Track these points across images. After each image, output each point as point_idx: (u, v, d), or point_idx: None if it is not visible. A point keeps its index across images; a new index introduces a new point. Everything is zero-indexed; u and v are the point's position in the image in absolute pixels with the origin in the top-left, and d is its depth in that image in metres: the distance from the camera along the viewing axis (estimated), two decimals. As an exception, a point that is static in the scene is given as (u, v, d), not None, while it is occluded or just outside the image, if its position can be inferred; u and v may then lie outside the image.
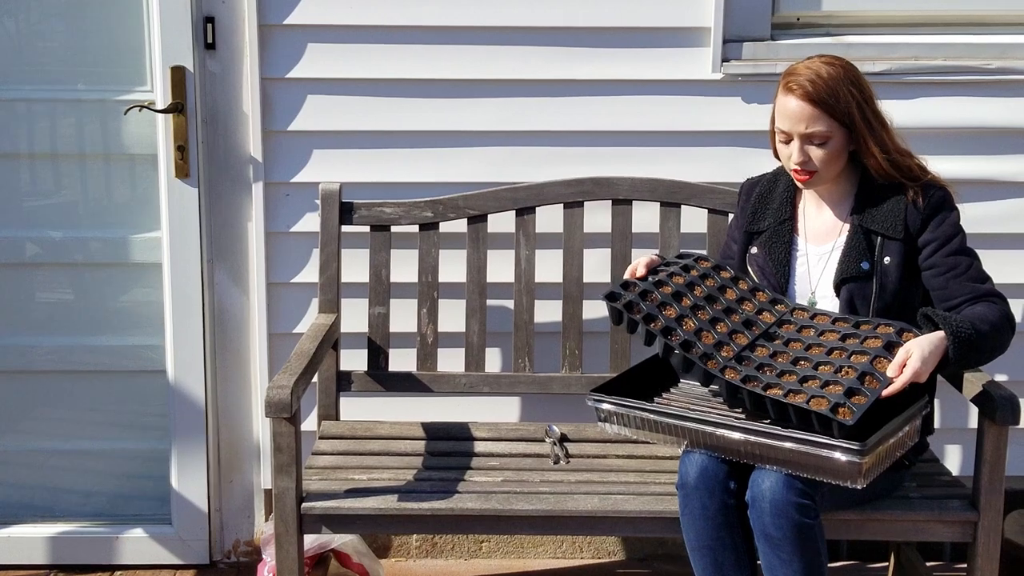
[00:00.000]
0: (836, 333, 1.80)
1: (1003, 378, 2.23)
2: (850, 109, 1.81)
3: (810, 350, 1.78)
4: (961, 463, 2.38)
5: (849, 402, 1.67)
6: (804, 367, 1.75)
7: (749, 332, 1.81)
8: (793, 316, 1.85)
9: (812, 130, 1.81)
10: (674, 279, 1.86)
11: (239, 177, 2.31)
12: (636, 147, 2.29)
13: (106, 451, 2.47)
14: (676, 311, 1.81)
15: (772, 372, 1.74)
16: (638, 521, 1.89)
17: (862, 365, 1.72)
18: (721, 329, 1.80)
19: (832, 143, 1.83)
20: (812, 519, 1.72)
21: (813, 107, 1.80)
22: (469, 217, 2.23)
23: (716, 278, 1.88)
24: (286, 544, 1.88)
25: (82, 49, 2.34)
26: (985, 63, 2.26)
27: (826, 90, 1.80)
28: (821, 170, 1.85)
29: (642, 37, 2.25)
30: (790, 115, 1.82)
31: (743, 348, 1.79)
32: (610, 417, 1.85)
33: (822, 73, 1.81)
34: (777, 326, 1.83)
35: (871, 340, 1.77)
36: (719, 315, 1.83)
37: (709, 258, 1.93)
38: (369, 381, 2.24)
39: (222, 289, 2.36)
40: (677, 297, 1.83)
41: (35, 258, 2.42)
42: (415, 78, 2.26)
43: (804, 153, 1.83)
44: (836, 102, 1.80)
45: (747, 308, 1.85)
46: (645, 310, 1.80)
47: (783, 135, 1.85)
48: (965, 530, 1.89)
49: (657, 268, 1.89)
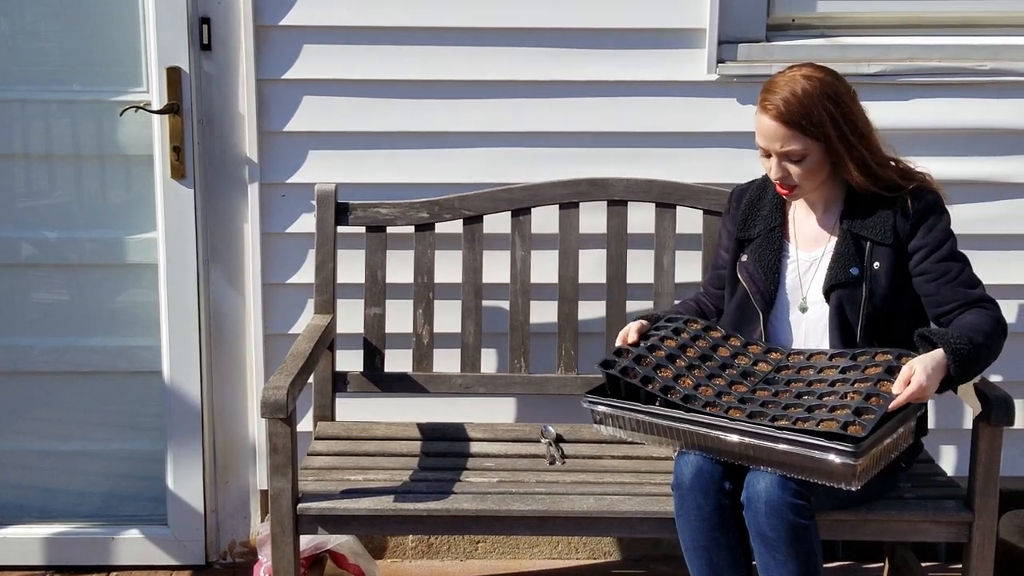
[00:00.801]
0: (835, 368, 1.81)
1: (998, 379, 2.24)
2: (824, 128, 1.80)
3: (812, 385, 1.79)
4: (956, 464, 2.39)
5: (859, 419, 1.67)
6: (809, 400, 1.76)
7: (748, 381, 1.83)
8: (789, 360, 1.86)
9: (786, 149, 1.81)
10: (666, 342, 1.88)
11: (235, 178, 2.31)
12: (631, 148, 2.30)
13: (102, 452, 2.47)
14: (672, 371, 1.83)
15: (777, 407, 1.75)
16: (633, 522, 1.90)
17: (866, 388, 1.73)
18: (719, 382, 1.82)
19: (809, 159, 1.83)
20: (807, 520, 1.73)
21: (786, 128, 1.80)
22: (465, 218, 2.23)
23: (707, 339, 1.90)
24: (282, 545, 1.88)
25: (78, 50, 2.33)
26: (979, 64, 2.27)
27: (800, 110, 1.79)
28: (801, 184, 1.85)
29: (637, 38, 2.25)
30: (764, 134, 1.83)
31: (744, 394, 1.79)
32: (606, 419, 1.86)
33: (797, 91, 1.79)
34: (775, 372, 1.84)
35: (871, 368, 1.78)
36: (715, 371, 1.84)
37: (699, 320, 1.95)
38: (365, 382, 2.24)
39: (218, 290, 2.36)
40: (671, 359, 1.85)
41: (31, 259, 2.42)
42: (411, 79, 2.26)
43: (783, 169, 1.84)
44: (809, 122, 1.79)
45: (742, 362, 1.86)
46: (641, 373, 1.82)
47: (762, 150, 1.86)
48: (960, 530, 1.89)
49: (648, 333, 1.91)
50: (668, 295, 2.23)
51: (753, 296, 1.92)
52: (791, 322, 1.92)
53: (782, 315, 1.93)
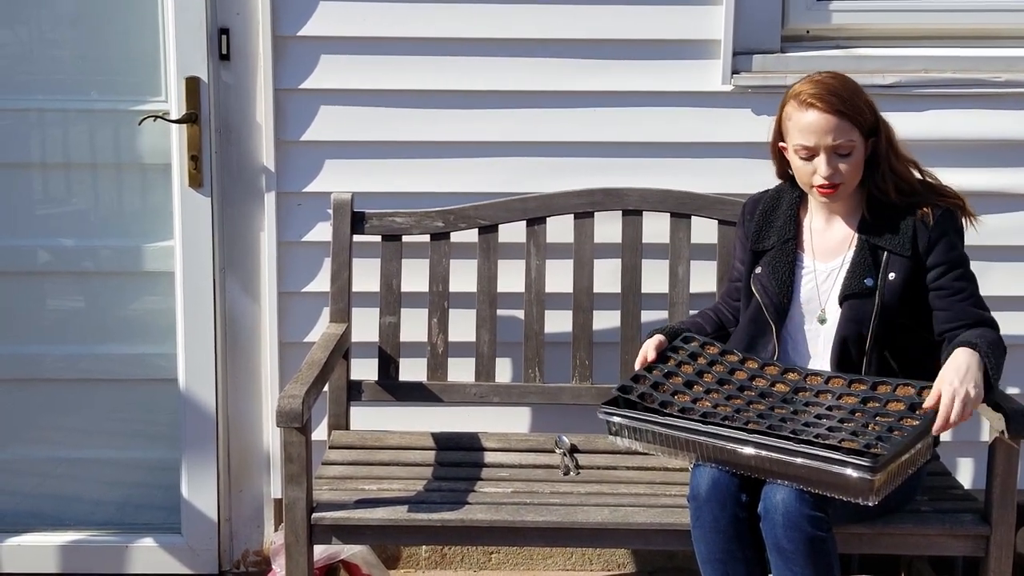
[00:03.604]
0: (855, 397, 1.79)
1: (1015, 391, 2.23)
2: (867, 118, 1.83)
3: (832, 410, 1.77)
4: (973, 476, 2.37)
5: (881, 444, 1.66)
6: (828, 421, 1.74)
7: (766, 401, 1.82)
8: (807, 382, 1.84)
9: (839, 141, 1.82)
10: (683, 368, 1.88)
11: (252, 187, 2.33)
12: (646, 158, 2.30)
13: (116, 460, 2.47)
14: (689, 396, 1.83)
15: (796, 423, 1.74)
16: (648, 533, 1.89)
17: (889, 423, 1.72)
18: (737, 402, 1.81)
19: (855, 154, 1.84)
20: (825, 532, 1.72)
21: (838, 117, 1.81)
22: (480, 227, 2.24)
23: (724, 364, 1.89)
24: (296, 554, 1.88)
25: (96, 59, 2.35)
26: (993, 75, 2.27)
27: (847, 99, 1.82)
28: (847, 181, 1.85)
29: (652, 49, 2.26)
30: (815, 128, 1.82)
31: (762, 411, 1.79)
32: (621, 431, 1.85)
33: (836, 84, 1.83)
34: (793, 392, 1.83)
35: (893, 404, 1.77)
36: (733, 393, 1.84)
37: (715, 343, 1.94)
38: (379, 391, 2.24)
39: (234, 298, 2.36)
40: (688, 385, 1.85)
41: (48, 266, 2.43)
42: (427, 89, 2.27)
43: (832, 166, 1.83)
44: (856, 111, 1.82)
45: (759, 383, 1.85)
46: (659, 399, 1.81)
47: (805, 151, 1.84)
48: (977, 544, 1.88)
49: (666, 353, 1.90)
50: (683, 305, 2.22)
51: (766, 308, 1.92)
52: (807, 334, 1.92)
53: (796, 327, 1.92)
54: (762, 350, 1.93)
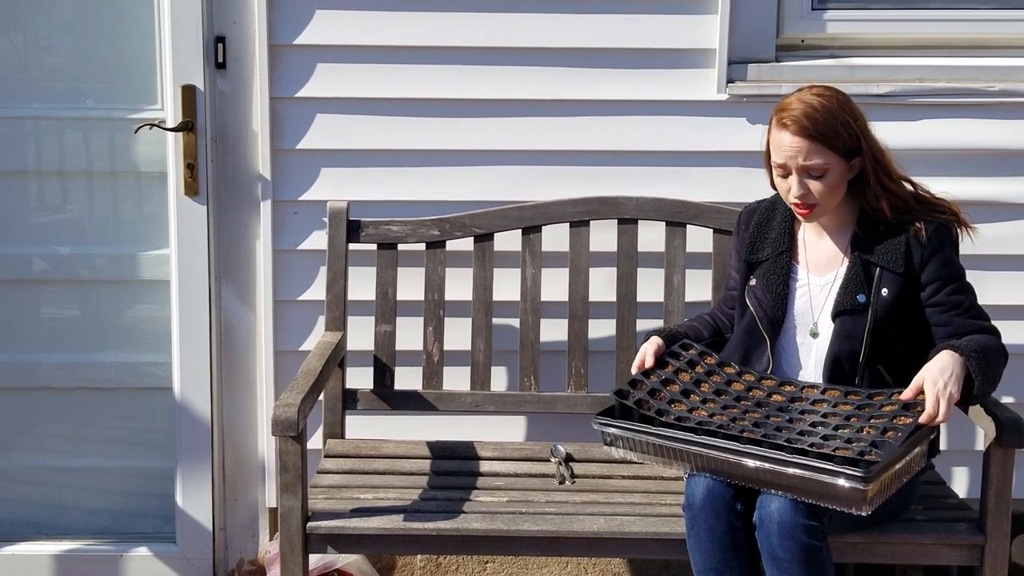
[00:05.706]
0: (850, 404, 1.80)
1: (1009, 400, 2.23)
2: (844, 140, 1.80)
3: (827, 418, 1.78)
4: (968, 486, 2.37)
5: (875, 450, 1.67)
6: (823, 429, 1.75)
7: (761, 410, 1.82)
8: (803, 393, 1.85)
9: (809, 162, 1.81)
10: (680, 376, 1.88)
11: (248, 195, 2.33)
12: (642, 167, 2.30)
13: (111, 468, 2.47)
14: (686, 405, 1.83)
15: (791, 431, 1.75)
16: (644, 543, 1.89)
17: (882, 424, 1.73)
18: (733, 411, 1.81)
19: (830, 175, 1.82)
20: (820, 541, 1.72)
21: (808, 140, 1.80)
22: (475, 236, 2.24)
23: (721, 374, 1.90)
24: (291, 564, 1.87)
25: (92, 67, 2.35)
26: (988, 85, 2.28)
27: (820, 121, 1.79)
28: (822, 202, 1.84)
29: (648, 58, 2.27)
30: (785, 149, 1.82)
31: (757, 419, 1.79)
32: (616, 441, 1.85)
33: (815, 104, 1.81)
34: (789, 402, 1.84)
35: (888, 407, 1.78)
36: (729, 403, 1.84)
37: (713, 354, 1.94)
38: (375, 399, 2.24)
39: (229, 306, 2.36)
40: (685, 394, 1.85)
41: (42, 274, 2.43)
42: (423, 97, 2.28)
43: (803, 186, 1.83)
44: (830, 133, 1.80)
45: (756, 394, 1.86)
46: (656, 406, 1.82)
47: (780, 169, 1.85)
48: (972, 554, 1.88)
49: (664, 358, 1.90)
50: (678, 314, 2.23)
51: (760, 321, 1.92)
52: (799, 347, 1.92)
53: (789, 340, 1.92)
54: (757, 362, 1.93)
